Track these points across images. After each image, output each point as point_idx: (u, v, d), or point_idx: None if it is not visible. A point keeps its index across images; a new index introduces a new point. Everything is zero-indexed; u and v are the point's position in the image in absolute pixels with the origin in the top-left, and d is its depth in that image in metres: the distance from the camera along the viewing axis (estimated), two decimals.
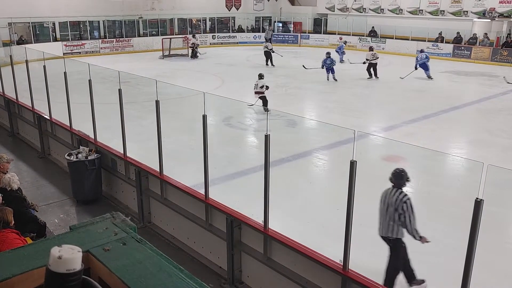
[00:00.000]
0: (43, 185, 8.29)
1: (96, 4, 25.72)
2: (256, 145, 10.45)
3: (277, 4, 33.74)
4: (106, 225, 1.64)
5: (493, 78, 19.48)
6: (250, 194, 7.12)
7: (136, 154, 7.36)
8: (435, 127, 11.82)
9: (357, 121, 11.94)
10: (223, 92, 14.83)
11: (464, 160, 8.89)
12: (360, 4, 29.73)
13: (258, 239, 5.14)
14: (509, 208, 7.38)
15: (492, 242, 5.92)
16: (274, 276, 5.00)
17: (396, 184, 4.87)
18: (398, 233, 4.87)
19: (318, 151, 10.02)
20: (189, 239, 6.25)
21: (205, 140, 5.61)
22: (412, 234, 4.82)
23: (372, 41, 28.22)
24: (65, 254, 1.14)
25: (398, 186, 4.86)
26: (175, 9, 29.23)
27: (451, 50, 24.78)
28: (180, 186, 6.33)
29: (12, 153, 9.62)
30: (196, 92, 6.50)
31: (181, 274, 1.38)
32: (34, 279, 1.35)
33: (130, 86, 14.66)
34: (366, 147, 9.57)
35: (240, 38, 30.86)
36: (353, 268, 4.24)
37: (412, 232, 4.82)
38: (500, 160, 8.75)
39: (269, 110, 11.55)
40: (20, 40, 22.76)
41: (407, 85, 17.70)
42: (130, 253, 1.47)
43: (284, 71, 20.68)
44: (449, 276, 4.99)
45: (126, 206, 7.43)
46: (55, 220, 6.88)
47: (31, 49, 13.02)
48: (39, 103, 9.85)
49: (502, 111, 13.75)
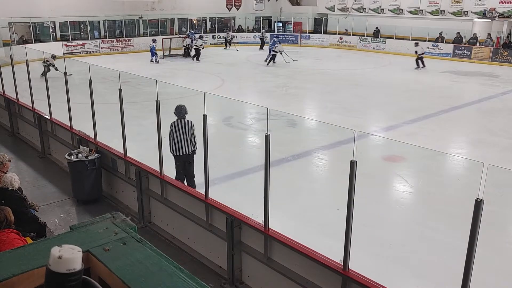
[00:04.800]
0: (43, 185, 8.29)
1: (96, 4, 25.73)
2: (256, 145, 10.45)
3: (277, 4, 33.75)
4: (106, 225, 1.64)
5: (493, 78, 19.48)
6: (250, 194, 7.12)
7: (136, 154, 7.36)
8: (435, 127, 11.82)
9: (357, 121, 11.94)
10: (223, 92, 14.85)
11: (464, 160, 8.89)
12: (360, 4, 29.74)
13: (258, 239, 5.14)
14: (509, 208, 7.38)
15: (492, 242, 5.92)
16: (274, 276, 5.00)
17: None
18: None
19: (318, 151, 10.02)
20: (189, 239, 6.25)
21: (205, 140, 5.61)
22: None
23: (372, 41, 28.24)
24: (65, 254, 1.14)
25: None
26: (175, 9, 29.24)
27: (451, 50, 24.78)
28: (180, 186, 6.33)
29: (12, 153, 9.62)
30: (196, 92, 6.50)
31: (181, 274, 1.38)
32: (34, 279, 1.35)
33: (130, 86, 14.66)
34: (366, 147, 9.57)
35: (240, 38, 30.86)
36: (353, 268, 4.24)
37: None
38: (500, 160, 8.75)
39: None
40: (20, 40, 22.77)
41: (407, 85, 17.71)
42: (130, 253, 1.47)
43: (284, 71, 20.69)
44: (449, 276, 4.99)
45: (126, 206, 7.43)
46: (55, 220, 6.88)
47: (32, 49, 13.03)
48: (39, 103, 9.85)
49: (502, 111, 13.76)
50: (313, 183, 8.57)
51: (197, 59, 23.61)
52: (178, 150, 6.96)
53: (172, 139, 6.93)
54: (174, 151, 7.00)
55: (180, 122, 6.91)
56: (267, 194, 4.91)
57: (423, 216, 7.07)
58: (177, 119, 6.95)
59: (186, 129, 6.90)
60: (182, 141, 6.92)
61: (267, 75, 19.73)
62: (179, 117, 6.94)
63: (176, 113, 6.94)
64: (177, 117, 6.94)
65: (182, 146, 6.93)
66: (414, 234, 6.48)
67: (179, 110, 6.93)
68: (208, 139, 5.61)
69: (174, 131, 6.90)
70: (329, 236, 5.85)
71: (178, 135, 6.90)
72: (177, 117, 6.94)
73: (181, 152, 6.95)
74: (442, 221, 6.68)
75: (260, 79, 18.97)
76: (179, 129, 6.89)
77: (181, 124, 6.91)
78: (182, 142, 6.92)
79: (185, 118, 6.95)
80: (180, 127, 6.90)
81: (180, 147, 6.94)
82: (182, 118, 6.94)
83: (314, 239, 5.58)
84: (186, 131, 6.90)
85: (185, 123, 6.91)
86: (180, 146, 6.94)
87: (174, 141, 6.94)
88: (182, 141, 6.92)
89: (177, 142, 6.93)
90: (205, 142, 5.62)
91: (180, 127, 6.90)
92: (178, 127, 6.90)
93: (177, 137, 6.90)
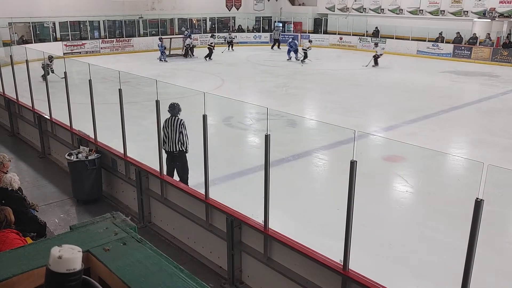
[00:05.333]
0: (43, 185, 8.28)
1: (96, 4, 25.73)
2: (256, 145, 10.45)
3: (277, 4, 33.74)
4: (106, 225, 1.64)
5: (493, 78, 19.48)
6: (250, 194, 7.12)
7: (136, 154, 7.36)
8: (435, 127, 11.82)
9: (357, 121, 11.94)
10: (223, 92, 14.84)
11: (464, 160, 8.89)
12: (360, 4, 29.73)
13: (258, 239, 5.14)
14: (509, 208, 7.38)
15: (492, 242, 5.92)
16: (274, 276, 5.00)
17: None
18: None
19: (318, 151, 10.01)
20: (189, 239, 6.25)
21: (205, 140, 5.60)
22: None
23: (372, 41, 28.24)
24: (65, 254, 1.14)
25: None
26: (175, 9, 29.24)
27: (451, 50, 24.78)
28: (180, 186, 6.33)
29: (12, 153, 9.62)
30: (196, 92, 6.51)
31: (181, 274, 1.38)
32: (34, 279, 1.35)
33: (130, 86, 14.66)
34: (366, 147, 9.57)
35: (240, 38, 30.86)
36: (353, 268, 4.24)
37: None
38: (500, 160, 8.75)
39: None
40: (20, 40, 22.76)
41: (407, 85, 17.71)
42: (130, 253, 1.47)
43: (284, 71, 20.69)
44: (449, 276, 4.99)
45: (126, 206, 7.43)
46: (55, 220, 6.88)
47: (32, 49, 13.02)
48: (39, 103, 9.85)
49: (502, 111, 13.76)
50: (313, 183, 8.57)
51: (209, 58, 23.50)
52: (165, 145, 7.13)
53: (163, 134, 7.11)
54: (163, 146, 7.16)
55: (171, 120, 7.10)
56: (267, 194, 4.91)
57: (423, 216, 7.07)
58: (170, 116, 7.14)
59: (175, 127, 7.05)
60: (170, 137, 7.08)
61: (267, 75, 19.73)
62: (171, 114, 7.14)
63: (169, 110, 7.14)
64: (170, 114, 7.15)
65: (168, 142, 7.10)
66: (414, 234, 6.48)
67: (172, 108, 7.13)
68: (208, 139, 5.61)
69: (164, 127, 7.09)
70: (329, 236, 5.85)
71: (167, 132, 7.08)
72: (170, 114, 7.15)
73: (168, 148, 7.13)
74: (442, 221, 6.68)
75: (260, 79, 18.97)
76: (168, 126, 7.08)
77: (171, 121, 7.09)
78: (169, 139, 7.09)
79: (176, 116, 7.12)
80: (169, 124, 7.08)
81: (167, 143, 7.11)
82: (174, 116, 7.11)
83: (314, 239, 5.58)
84: (175, 129, 7.05)
85: (174, 121, 7.07)
86: (167, 142, 7.11)
87: (163, 137, 7.14)
88: (170, 138, 7.08)
89: (166, 138, 7.11)
90: (205, 142, 5.62)
91: (169, 124, 7.08)
92: (168, 123, 7.09)
93: (165, 133, 7.08)
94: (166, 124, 7.09)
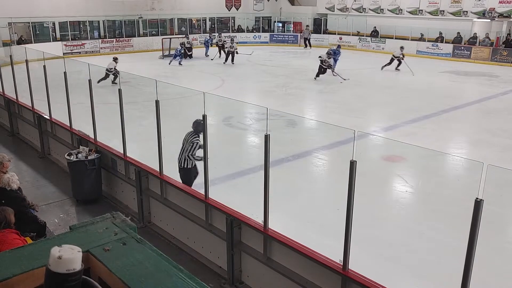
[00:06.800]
0: (43, 185, 8.28)
1: (96, 4, 25.73)
2: (256, 145, 10.44)
3: (277, 4, 33.75)
4: (106, 225, 1.64)
5: (493, 78, 19.49)
6: (250, 194, 7.12)
7: (136, 154, 7.36)
8: (436, 127, 11.82)
9: (357, 121, 11.94)
10: (223, 92, 14.84)
11: (464, 160, 8.89)
12: (360, 4, 29.74)
13: (258, 239, 5.14)
14: (509, 208, 7.38)
15: (492, 242, 5.92)
16: (274, 276, 5.00)
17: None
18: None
19: (318, 151, 10.02)
20: (189, 239, 6.25)
21: (205, 140, 5.61)
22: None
23: (372, 41, 28.24)
24: (65, 254, 1.14)
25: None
26: (175, 9, 29.24)
27: (451, 50, 24.79)
28: (180, 186, 6.32)
29: (12, 153, 9.62)
30: (196, 92, 6.50)
31: (181, 274, 1.38)
32: (34, 279, 1.35)
33: (130, 86, 14.68)
34: (366, 147, 9.57)
35: (240, 38, 30.86)
36: (353, 268, 4.24)
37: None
38: (500, 160, 8.75)
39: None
40: (20, 40, 22.75)
41: (407, 85, 17.71)
42: (130, 253, 1.47)
43: (284, 71, 20.68)
44: (449, 276, 4.99)
45: (126, 206, 7.43)
46: (55, 220, 6.88)
47: (31, 49, 13.02)
48: (39, 103, 9.85)
49: (503, 111, 13.76)
50: (313, 183, 8.57)
51: (232, 62, 22.19)
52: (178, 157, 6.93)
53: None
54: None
55: (190, 134, 6.79)
56: (267, 194, 4.91)
57: (423, 216, 7.07)
58: (191, 130, 6.81)
59: (188, 143, 6.76)
60: (181, 151, 6.86)
61: (267, 75, 19.74)
62: (193, 129, 6.77)
63: (192, 125, 6.80)
64: (192, 129, 6.80)
65: (179, 155, 6.89)
66: (414, 234, 6.48)
67: (195, 125, 6.71)
68: (208, 139, 5.61)
69: (183, 139, 6.84)
70: (329, 236, 5.85)
71: (182, 144, 6.85)
72: (192, 129, 6.80)
73: (177, 161, 6.90)
74: (442, 221, 6.68)
75: (260, 79, 18.97)
76: (185, 139, 6.83)
77: (189, 136, 6.79)
78: (180, 152, 6.86)
79: (195, 133, 6.72)
80: (187, 138, 6.81)
81: (178, 155, 6.90)
82: (195, 133, 6.73)
83: (314, 239, 5.59)
84: (186, 143, 6.79)
85: (192, 137, 6.73)
86: (179, 155, 6.90)
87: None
88: (180, 152, 6.86)
89: (180, 150, 6.89)
90: (205, 142, 5.63)
91: (186, 138, 6.81)
92: (186, 137, 6.83)
93: (182, 146, 6.86)
94: (185, 137, 6.84)
